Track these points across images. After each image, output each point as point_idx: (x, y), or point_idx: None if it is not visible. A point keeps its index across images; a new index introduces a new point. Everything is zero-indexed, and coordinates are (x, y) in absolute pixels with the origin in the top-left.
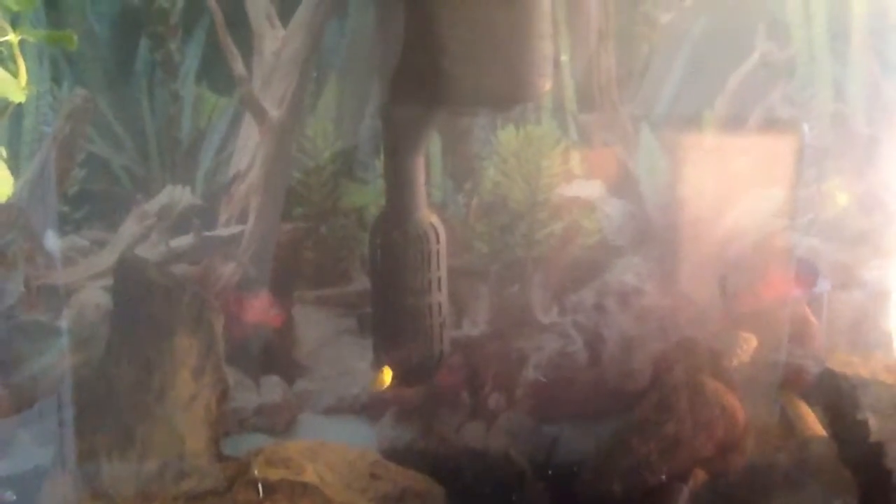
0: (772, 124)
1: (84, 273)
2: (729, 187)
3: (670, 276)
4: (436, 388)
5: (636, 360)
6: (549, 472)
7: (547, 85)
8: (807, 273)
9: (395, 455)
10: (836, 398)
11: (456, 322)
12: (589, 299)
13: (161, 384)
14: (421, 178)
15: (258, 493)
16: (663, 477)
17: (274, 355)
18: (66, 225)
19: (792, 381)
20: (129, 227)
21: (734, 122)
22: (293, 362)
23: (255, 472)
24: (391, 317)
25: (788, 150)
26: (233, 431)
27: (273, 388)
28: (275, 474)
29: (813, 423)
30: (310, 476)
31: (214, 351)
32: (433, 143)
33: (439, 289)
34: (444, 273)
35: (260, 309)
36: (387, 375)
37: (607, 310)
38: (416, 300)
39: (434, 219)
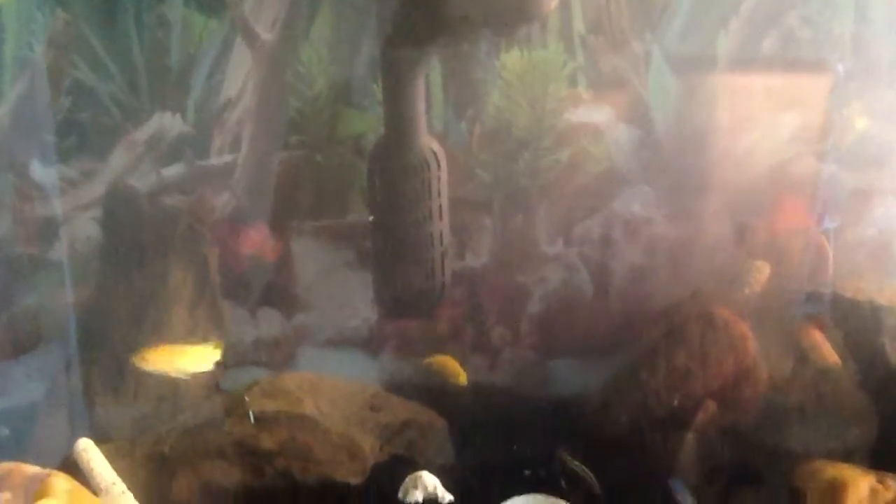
0: (789, 46)
1: (73, 204)
2: (743, 112)
3: (681, 205)
4: (437, 321)
5: (644, 291)
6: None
7: (553, 2)
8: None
9: (396, 389)
10: (856, 324)
11: (458, 254)
12: (596, 230)
13: (155, 319)
14: (421, 104)
15: (250, 421)
16: (672, 409)
17: (271, 288)
18: (52, 155)
19: (806, 309)
20: (119, 157)
21: (749, 45)
22: (291, 295)
23: (246, 399)
24: (391, 248)
25: (806, 73)
26: (230, 365)
27: (270, 322)
28: (272, 406)
29: (828, 352)
30: (308, 408)
31: (209, 284)
32: (434, 69)
33: (440, 217)
34: (445, 202)
35: (255, 241)
36: (462, 376)
37: (614, 240)
38: (417, 230)
39: (435, 145)
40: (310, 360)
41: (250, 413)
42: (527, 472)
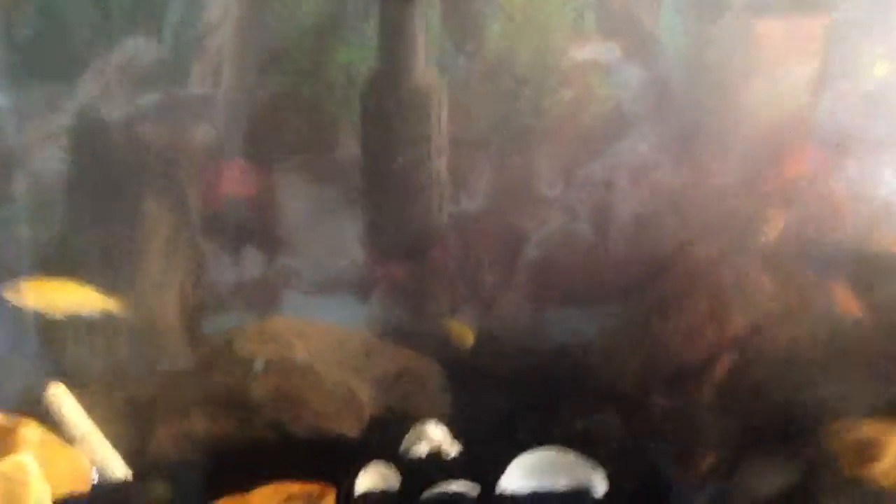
0: None
1: (37, 134)
2: (758, 53)
3: (690, 149)
4: (430, 266)
5: (648, 239)
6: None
7: None
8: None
9: (387, 336)
10: (876, 275)
11: (453, 196)
12: (599, 173)
13: (128, 259)
14: (420, 34)
15: (256, 372)
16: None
17: (253, 228)
18: (14, 78)
19: (823, 260)
20: (88, 83)
21: None
22: (274, 236)
23: (255, 363)
24: (385, 187)
25: (824, 12)
26: (209, 310)
27: (253, 264)
28: (262, 352)
29: (848, 303)
30: (300, 354)
31: (187, 222)
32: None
33: (439, 157)
34: (445, 140)
35: (237, 176)
36: (468, 336)
37: (618, 185)
38: (415, 169)
39: (434, 79)
40: (295, 304)
41: (258, 365)
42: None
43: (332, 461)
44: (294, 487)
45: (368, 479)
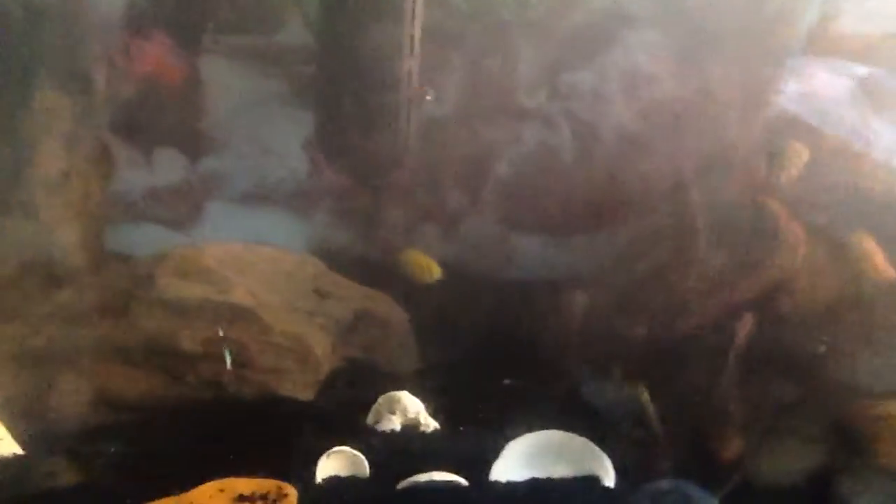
0: None
1: None
2: None
3: (694, 60)
4: (388, 182)
5: (638, 164)
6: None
7: None
8: None
9: (332, 261)
10: None
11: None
12: (587, 82)
13: (19, 156)
14: None
15: (225, 360)
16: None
17: (173, 123)
18: None
19: (854, 208)
20: None
21: None
22: (199, 133)
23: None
24: (340, 82)
25: None
26: (116, 220)
27: (171, 167)
28: (192, 292)
29: (881, 262)
30: (241, 296)
31: (93, 112)
32: None
33: (411, 52)
34: (418, 31)
35: (156, 57)
36: (434, 269)
37: (608, 97)
38: (380, 63)
39: None
40: (220, 217)
41: (227, 354)
42: (506, 382)
43: (283, 431)
44: (243, 485)
45: (331, 463)
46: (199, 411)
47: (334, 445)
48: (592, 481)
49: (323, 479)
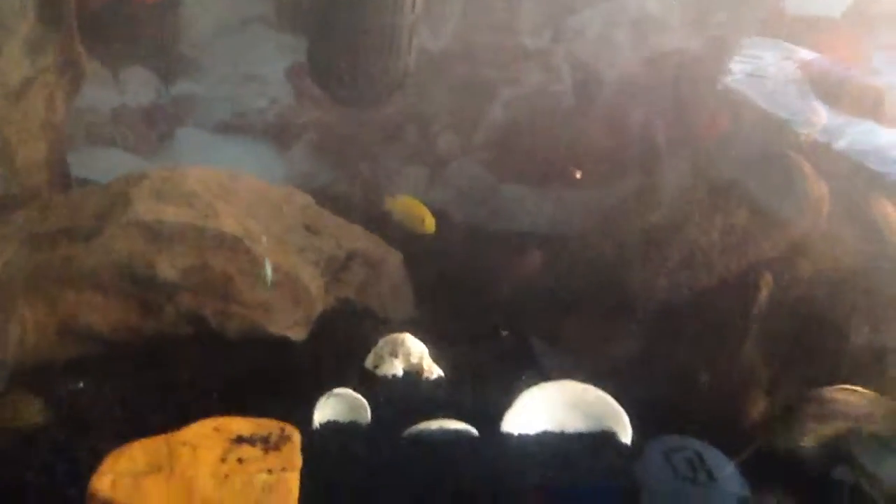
0: None
1: None
2: None
3: (709, 8)
4: (371, 115)
5: (639, 115)
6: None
7: None
8: None
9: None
10: None
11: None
12: (594, 25)
13: None
14: None
15: (264, 275)
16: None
17: (147, 39)
18: None
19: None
20: None
21: None
22: (175, 53)
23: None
24: (333, 4)
25: None
26: (81, 144)
27: (142, 87)
28: (174, 215)
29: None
30: (229, 224)
31: (61, 18)
32: None
33: None
34: None
35: None
36: (429, 219)
37: (615, 42)
38: None
39: None
40: (193, 145)
41: (266, 270)
42: (504, 332)
43: (274, 372)
44: (241, 425)
45: (329, 407)
46: (176, 344)
47: (330, 389)
48: (608, 437)
49: (321, 424)
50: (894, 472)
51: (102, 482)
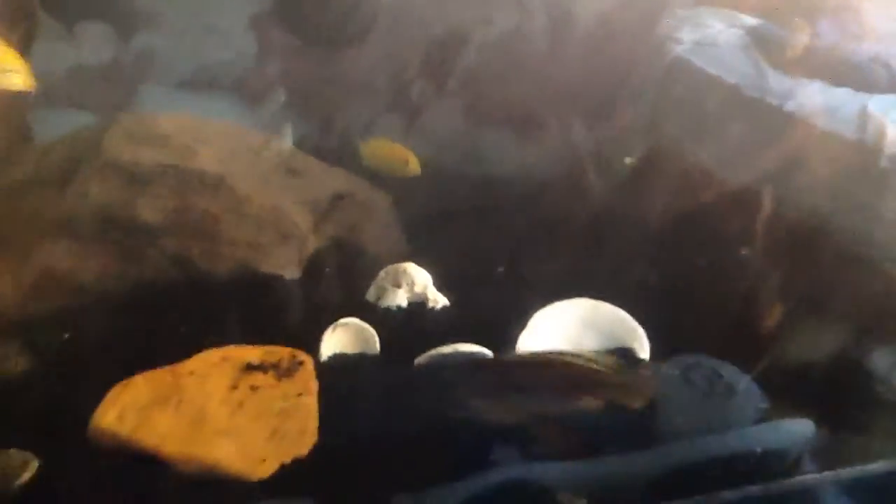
0: None
1: None
2: None
3: None
4: (341, 64)
5: (613, 53)
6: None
7: None
8: None
9: None
10: None
11: None
12: None
13: None
14: None
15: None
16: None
17: None
18: None
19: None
20: None
21: None
22: (132, 6)
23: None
24: None
25: None
26: (37, 105)
27: (100, 43)
28: (150, 157)
29: None
30: (208, 163)
31: None
32: None
33: None
34: None
35: None
36: (412, 161)
37: None
38: None
39: None
40: (157, 103)
41: None
42: (500, 270)
43: (270, 311)
44: (250, 353)
45: (336, 338)
46: (163, 291)
47: (330, 324)
48: (625, 353)
49: (328, 357)
50: None
51: (108, 416)
